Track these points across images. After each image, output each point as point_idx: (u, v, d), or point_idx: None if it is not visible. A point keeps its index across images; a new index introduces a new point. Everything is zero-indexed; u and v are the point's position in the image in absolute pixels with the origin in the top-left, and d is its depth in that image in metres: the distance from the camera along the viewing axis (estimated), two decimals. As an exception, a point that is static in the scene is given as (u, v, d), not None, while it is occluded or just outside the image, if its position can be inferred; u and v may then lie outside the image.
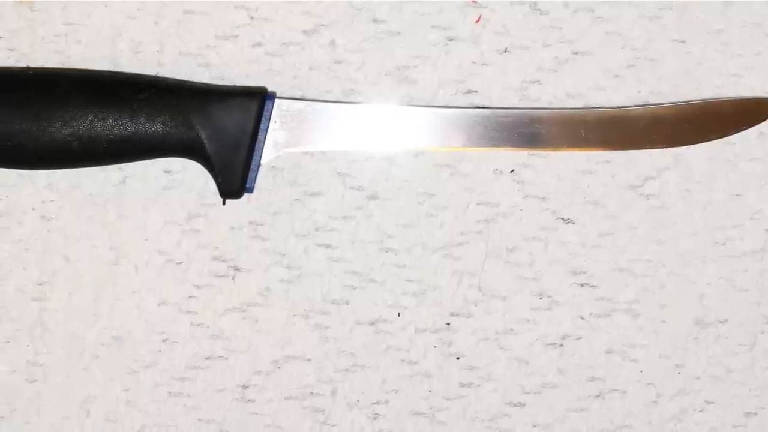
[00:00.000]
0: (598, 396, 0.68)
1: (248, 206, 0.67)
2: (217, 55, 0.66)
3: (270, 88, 0.65)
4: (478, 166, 0.67)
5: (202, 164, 0.64)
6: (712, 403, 0.68)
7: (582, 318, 0.67)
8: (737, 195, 0.67)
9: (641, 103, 0.67)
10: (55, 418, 0.67)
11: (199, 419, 0.67)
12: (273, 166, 0.66)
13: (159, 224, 0.67)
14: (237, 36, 0.66)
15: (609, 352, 0.68)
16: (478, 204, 0.67)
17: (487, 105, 0.66)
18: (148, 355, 0.67)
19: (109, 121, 0.62)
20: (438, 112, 0.65)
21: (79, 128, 0.62)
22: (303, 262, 0.67)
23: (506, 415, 0.68)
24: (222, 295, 0.67)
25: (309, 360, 0.67)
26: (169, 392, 0.67)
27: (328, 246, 0.67)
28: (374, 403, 0.68)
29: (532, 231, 0.67)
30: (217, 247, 0.67)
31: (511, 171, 0.67)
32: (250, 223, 0.67)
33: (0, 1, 0.66)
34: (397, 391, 0.68)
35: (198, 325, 0.67)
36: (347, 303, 0.67)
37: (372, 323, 0.67)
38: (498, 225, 0.67)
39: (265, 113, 0.63)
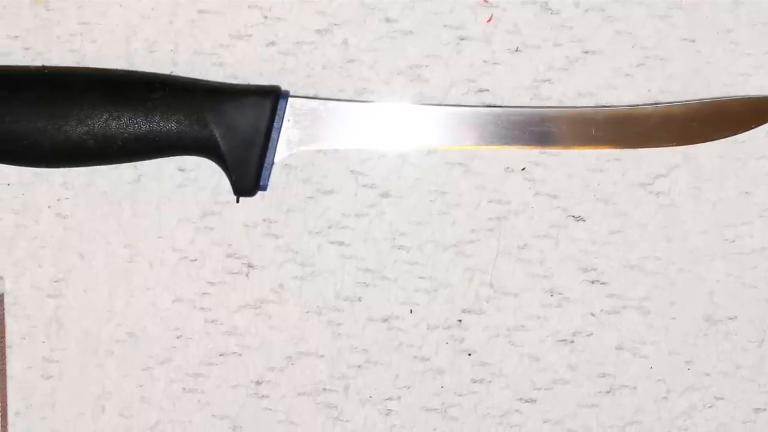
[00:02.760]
0: (608, 392, 0.68)
1: (262, 204, 0.67)
2: (231, 54, 0.67)
3: (283, 87, 0.65)
4: (489, 165, 0.67)
5: (216, 162, 0.64)
6: (722, 399, 0.68)
7: (592, 315, 0.68)
8: (746, 193, 0.68)
9: (651, 102, 0.67)
10: (70, 413, 0.68)
11: (213, 415, 0.68)
12: (286, 164, 0.67)
13: (173, 222, 0.67)
14: (251, 35, 0.67)
15: (619, 348, 0.68)
16: (490, 202, 0.67)
17: (498, 104, 0.67)
18: (163, 352, 0.68)
19: (124, 120, 0.63)
20: (450, 111, 0.65)
21: (94, 127, 0.62)
22: (316, 259, 0.67)
23: (517, 410, 0.68)
24: (236, 292, 0.67)
25: (322, 356, 0.68)
26: (184, 388, 0.68)
27: (340, 243, 0.67)
28: (387, 399, 0.68)
29: (543, 228, 0.68)
30: (230, 245, 0.67)
31: (522, 169, 0.67)
32: (264, 220, 0.67)
33: (16, 1, 0.66)
34: (409, 387, 0.68)
35: (212, 321, 0.68)
36: (360, 300, 0.68)
37: (384, 320, 0.68)
38: (509, 222, 0.67)
39: (278, 112, 0.64)
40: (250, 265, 0.67)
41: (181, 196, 0.67)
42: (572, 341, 0.68)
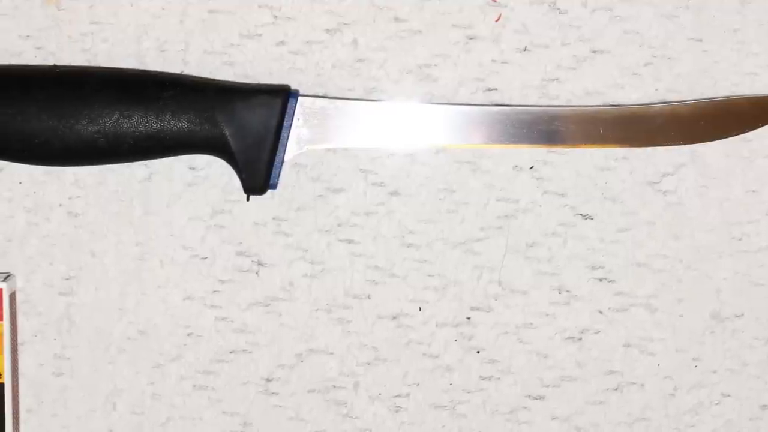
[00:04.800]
0: (616, 389, 0.69)
1: (272, 202, 0.67)
2: (241, 54, 0.67)
3: (293, 86, 0.66)
4: (498, 163, 0.68)
5: (226, 161, 0.65)
6: (729, 396, 0.69)
7: (600, 312, 0.68)
8: (753, 191, 0.68)
9: (658, 101, 0.67)
10: (82, 411, 0.68)
11: (224, 412, 0.68)
12: (296, 163, 0.67)
13: (184, 220, 0.68)
14: (261, 35, 0.67)
15: (627, 345, 0.69)
16: (498, 200, 0.68)
17: (507, 103, 0.67)
18: (174, 349, 0.68)
19: (135, 119, 0.63)
20: (459, 110, 0.66)
21: (105, 125, 0.63)
22: (326, 257, 0.68)
23: (526, 407, 0.69)
24: (246, 290, 0.68)
25: (332, 354, 0.68)
26: (194, 385, 0.68)
27: (350, 241, 0.68)
28: (396, 396, 0.69)
29: (551, 227, 0.68)
30: (241, 243, 0.68)
31: (531, 167, 0.68)
32: (274, 218, 0.68)
33: (28, 1, 0.67)
34: (418, 385, 0.69)
35: (222, 319, 0.68)
36: (369, 297, 0.68)
37: (394, 317, 0.68)
38: (518, 221, 0.68)
39: (288, 111, 0.64)
40: (260, 263, 0.68)
41: (192, 195, 0.67)
42: (580, 339, 0.68)
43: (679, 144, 0.67)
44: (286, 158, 0.64)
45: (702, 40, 0.67)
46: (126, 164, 0.67)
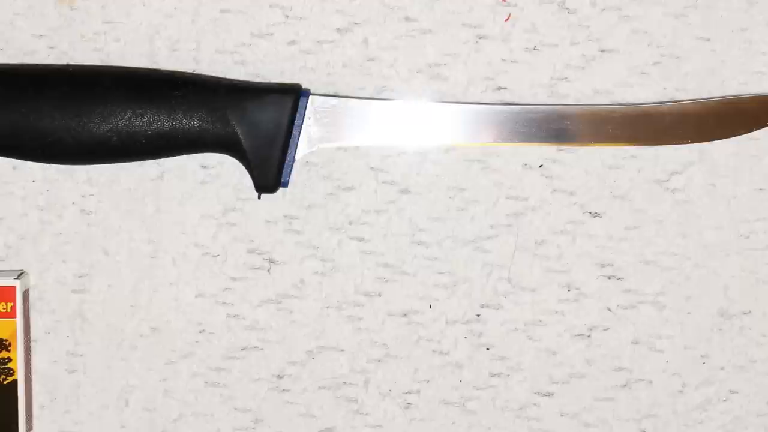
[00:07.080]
0: (624, 386, 0.69)
1: (283, 200, 0.68)
2: (253, 53, 0.67)
3: (304, 85, 0.66)
4: (507, 161, 0.68)
5: (238, 159, 0.65)
6: (737, 392, 0.69)
7: (609, 309, 0.69)
8: (761, 189, 0.68)
9: (667, 100, 0.68)
10: (95, 407, 0.69)
11: (235, 408, 0.69)
12: (307, 161, 0.68)
13: (196, 218, 0.68)
14: (272, 34, 0.68)
15: (635, 343, 0.69)
16: (508, 198, 0.68)
17: (516, 101, 0.68)
18: (186, 346, 0.68)
19: (147, 118, 0.63)
20: (468, 109, 0.66)
21: (117, 124, 0.63)
22: (336, 255, 0.68)
23: (535, 404, 0.69)
24: (257, 288, 0.68)
25: (342, 350, 0.69)
26: (206, 382, 0.69)
27: (360, 239, 0.68)
28: (406, 393, 0.69)
29: (560, 225, 0.68)
30: (252, 241, 0.68)
31: (540, 166, 0.68)
32: (285, 216, 0.68)
33: (41, 0, 0.67)
34: (428, 381, 0.69)
35: (234, 316, 0.68)
36: (380, 295, 0.68)
37: (404, 315, 0.69)
38: (527, 219, 0.68)
39: (299, 109, 0.65)
40: (271, 261, 0.68)
41: (204, 193, 0.68)
42: (589, 336, 0.69)
43: (688, 142, 0.67)
44: (297, 157, 0.65)
45: (710, 40, 0.68)
46: (138, 162, 0.67)
